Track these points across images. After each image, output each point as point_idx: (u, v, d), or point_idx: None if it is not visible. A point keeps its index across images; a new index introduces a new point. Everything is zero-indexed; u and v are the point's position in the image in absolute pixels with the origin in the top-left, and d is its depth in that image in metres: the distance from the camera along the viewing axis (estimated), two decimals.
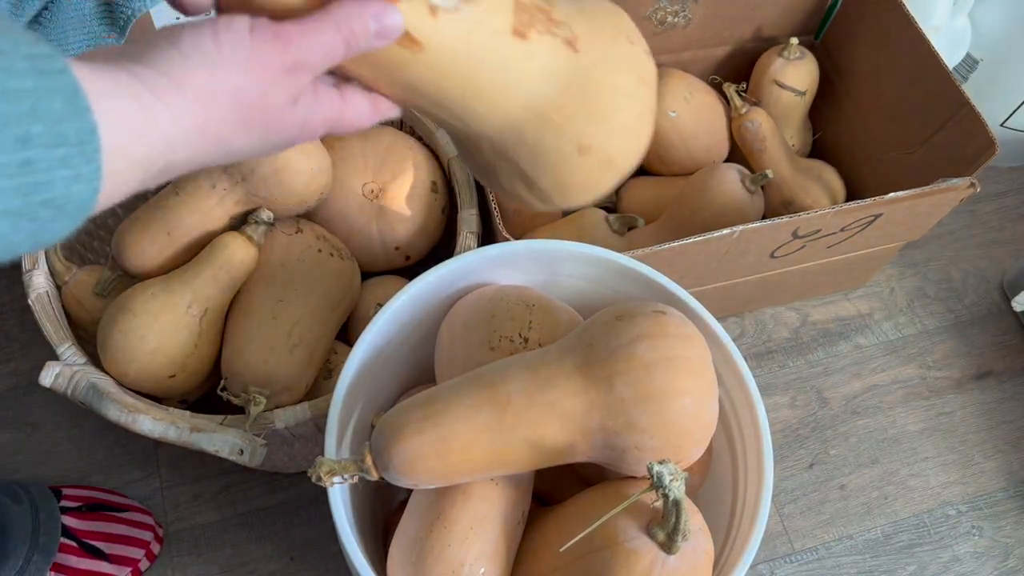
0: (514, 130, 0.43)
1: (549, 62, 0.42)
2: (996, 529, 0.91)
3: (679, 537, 0.50)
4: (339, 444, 0.59)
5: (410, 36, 0.37)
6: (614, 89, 0.44)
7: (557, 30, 0.42)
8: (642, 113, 0.46)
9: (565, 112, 0.43)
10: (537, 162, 0.45)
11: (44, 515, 0.76)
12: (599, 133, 0.44)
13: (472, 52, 0.39)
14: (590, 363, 0.53)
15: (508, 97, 0.42)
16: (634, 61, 0.45)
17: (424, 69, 0.39)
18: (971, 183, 0.79)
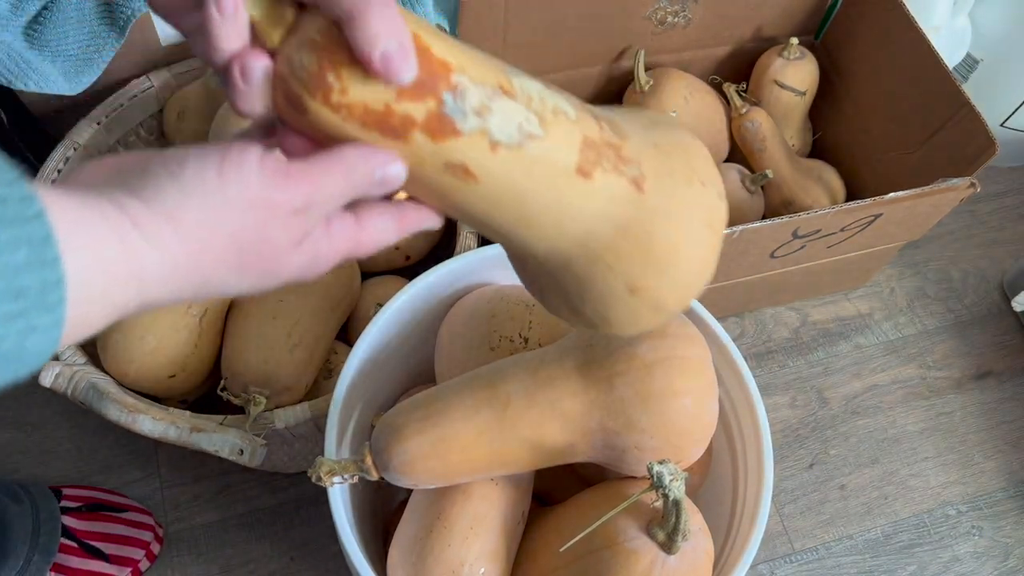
0: (562, 259, 0.41)
1: (610, 202, 0.39)
2: (996, 529, 0.91)
3: (679, 537, 0.50)
4: (339, 444, 0.59)
5: (467, 169, 0.35)
6: (676, 235, 0.41)
7: (625, 168, 0.39)
8: (703, 260, 0.42)
9: (619, 253, 0.40)
10: (583, 292, 0.42)
11: (44, 515, 0.76)
12: (653, 278, 0.41)
13: (528, 188, 0.37)
14: (590, 363, 0.53)
15: (560, 232, 0.39)
16: (703, 205, 0.42)
17: (476, 198, 0.37)
18: (971, 183, 0.79)
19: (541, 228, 0.39)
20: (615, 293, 0.42)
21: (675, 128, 0.43)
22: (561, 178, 0.37)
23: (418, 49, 0.33)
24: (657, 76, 0.95)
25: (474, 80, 0.34)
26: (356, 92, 0.32)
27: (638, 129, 0.41)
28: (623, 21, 0.93)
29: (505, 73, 0.36)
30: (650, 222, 0.40)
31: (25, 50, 0.75)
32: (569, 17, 0.90)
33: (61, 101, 0.81)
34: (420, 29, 0.34)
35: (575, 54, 0.96)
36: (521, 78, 0.37)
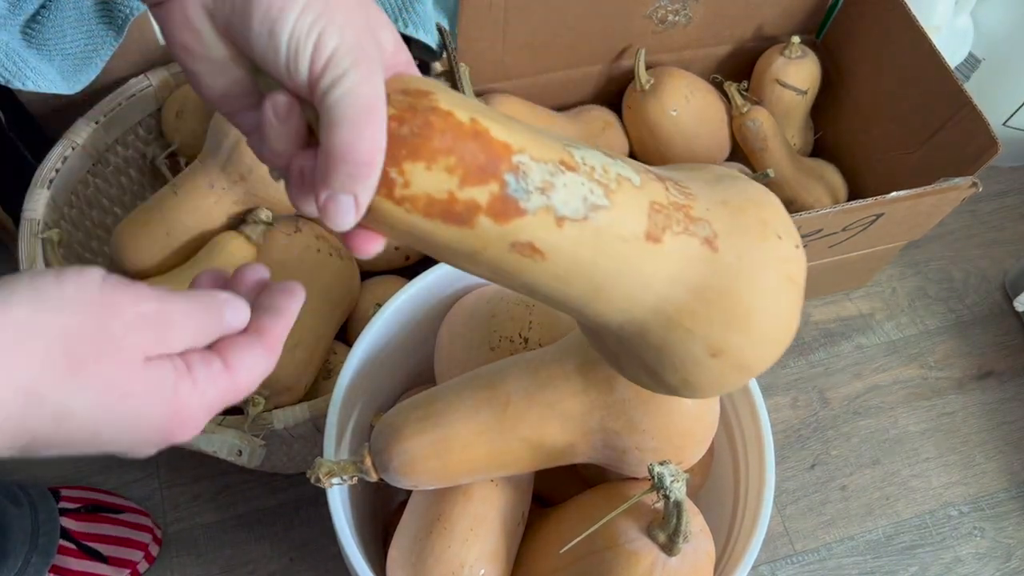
0: (638, 328, 0.40)
1: (683, 265, 0.38)
2: (998, 530, 0.90)
3: (680, 538, 0.50)
4: (338, 445, 0.59)
5: (533, 247, 0.35)
6: (756, 292, 0.39)
7: (695, 228, 0.38)
8: (787, 315, 0.41)
9: (697, 317, 0.39)
10: (662, 360, 0.41)
11: (43, 516, 0.76)
12: (736, 339, 0.40)
13: (598, 259, 0.36)
14: (591, 363, 0.52)
15: (632, 300, 0.38)
16: (781, 258, 0.40)
17: (545, 275, 0.36)
18: (973, 183, 0.79)
19: (613, 299, 0.38)
20: (696, 358, 0.40)
21: (743, 181, 0.42)
22: (631, 246, 0.37)
23: (477, 134, 0.33)
24: (658, 75, 0.95)
25: (535, 158, 0.34)
26: (419, 184, 0.32)
27: (704, 187, 0.40)
28: (623, 20, 0.93)
29: (566, 147, 0.36)
30: (727, 281, 0.39)
31: (23, 49, 0.75)
32: (569, 16, 0.90)
33: (59, 100, 0.81)
34: (478, 113, 0.34)
35: (575, 53, 0.95)
36: (582, 150, 0.36)
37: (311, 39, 0.30)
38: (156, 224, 0.73)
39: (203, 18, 0.32)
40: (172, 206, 0.72)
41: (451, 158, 0.32)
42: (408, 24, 0.84)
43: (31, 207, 0.76)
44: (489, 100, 0.92)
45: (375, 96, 0.31)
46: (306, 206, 0.33)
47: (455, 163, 0.32)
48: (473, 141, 0.33)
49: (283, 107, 0.32)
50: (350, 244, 0.35)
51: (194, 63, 0.33)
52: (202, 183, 0.72)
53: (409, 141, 0.32)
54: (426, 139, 0.32)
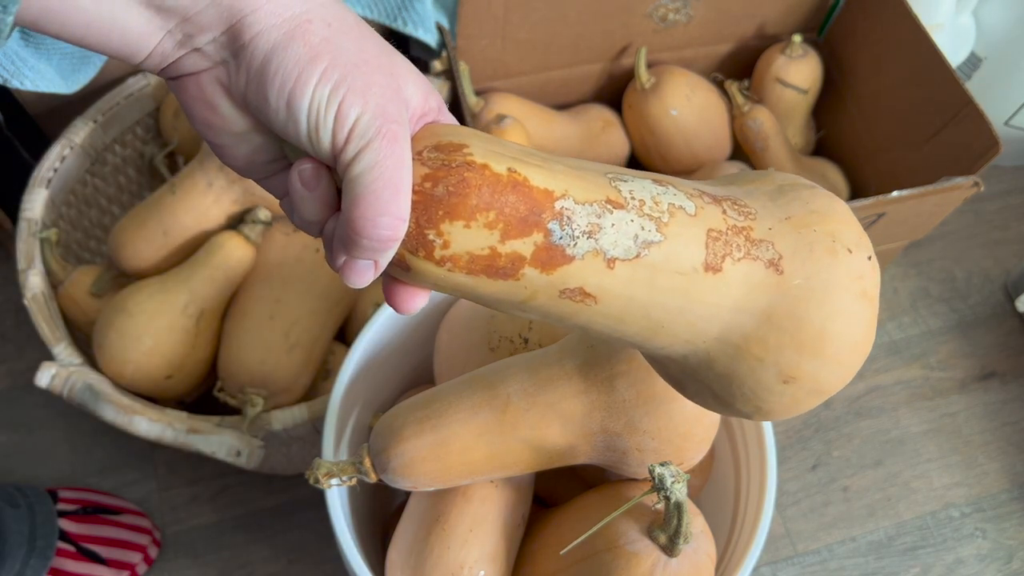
0: (703, 358, 0.38)
1: (747, 291, 0.36)
2: (1000, 531, 0.90)
3: (681, 540, 0.49)
4: (337, 446, 0.59)
5: (584, 292, 0.33)
6: (827, 314, 0.37)
7: (758, 252, 0.36)
8: (861, 335, 0.38)
9: (767, 344, 0.37)
10: (732, 389, 0.39)
11: (41, 518, 0.76)
12: (808, 364, 0.38)
13: (653, 296, 0.35)
14: (591, 364, 0.52)
15: (696, 333, 0.37)
16: (854, 275, 0.38)
17: (599, 317, 0.35)
18: (975, 182, 0.79)
19: (675, 333, 0.36)
20: (768, 386, 0.38)
21: (807, 190, 0.40)
22: (689, 280, 0.35)
23: (516, 184, 0.32)
24: (659, 74, 0.95)
25: (580, 200, 0.33)
26: (459, 244, 0.31)
27: (766, 203, 0.38)
28: (624, 18, 0.93)
29: (612, 182, 0.34)
30: (796, 305, 0.37)
31: (21, 48, 0.75)
32: (569, 14, 0.90)
33: (57, 100, 0.81)
34: (516, 162, 0.33)
35: (576, 52, 0.95)
36: (630, 182, 0.35)
37: (331, 111, 0.29)
38: (154, 223, 0.72)
39: (219, 93, 0.31)
40: (170, 205, 0.72)
41: (491, 213, 0.31)
42: (407, 23, 0.84)
43: (29, 206, 0.76)
44: (489, 99, 0.91)
45: (398, 168, 0.30)
46: (337, 264, 0.33)
47: (495, 218, 0.31)
48: (512, 193, 0.32)
49: (310, 176, 0.31)
50: (393, 302, 0.34)
51: (215, 136, 0.32)
52: (200, 182, 0.72)
53: (445, 201, 0.31)
54: (463, 197, 0.31)
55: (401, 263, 0.32)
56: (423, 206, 0.31)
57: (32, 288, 0.73)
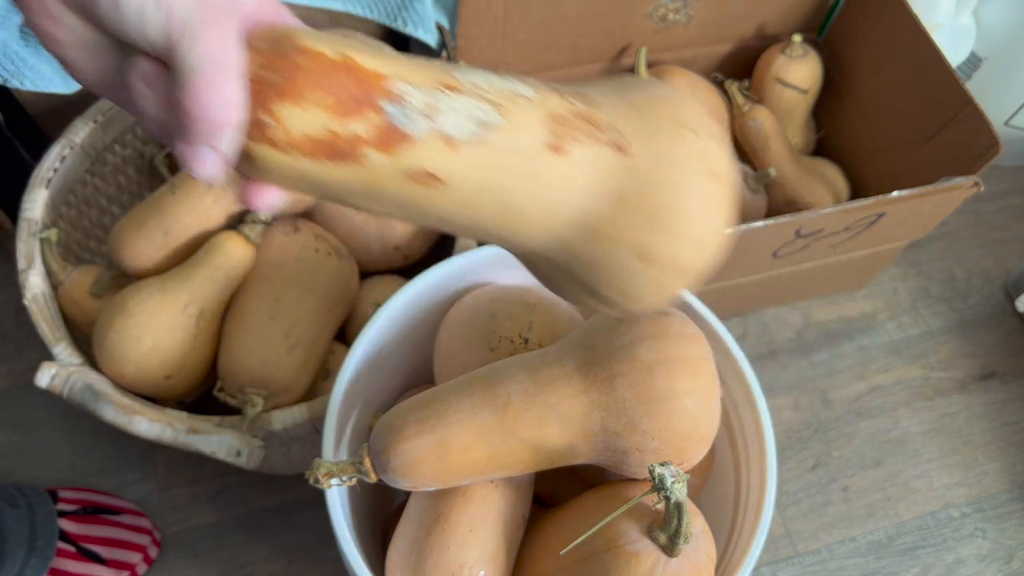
0: (563, 246, 0.39)
1: (595, 174, 0.37)
2: (1000, 531, 0.90)
3: (681, 540, 0.49)
4: (337, 446, 0.59)
5: (430, 174, 0.34)
6: (676, 192, 0.38)
7: (602, 135, 0.37)
8: (713, 211, 0.40)
9: (620, 225, 0.38)
10: (596, 275, 0.40)
11: (41, 518, 0.76)
12: (663, 242, 0.39)
13: (501, 179, 0.35)
14: (591, 364, 0.52)
15: (551, 218, 0.38)
16: (699, 154, 0.39)
17: (452, 203, 0.36)
18: (975, 182, 0.79)
19: (530, 219, 0.37)
20: (627, 267, 0.39)
21: (648, 83, 0.41)
22: (535, 161, 0.36)
23: (347, 67, 0.32)
24: (658, 74, 0.95)
25: (415, 84, 0.34)
26: (294, 126, 0.32)
27: (609, 94, 0.40)
28: (624, 19, 0.93)
29: (450, 72, 0.35)
30: (644, 185, 0.38)
31: (21, 48, 0.75)
32: (570, 14, 0.90)
33: (57, 100, 0.81)
34: (347, 48, 0.33)
35: (576, 52, 0.95)
36: (470, 74, 0.36)
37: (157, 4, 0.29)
38: (154, 223, 0.72)
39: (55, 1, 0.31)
40: (170, 205, 0.72)
41: (321, 93, 0.32)
42: (407, 23, 0.84)
43: (29, 206, 0.76)
44: None
45: (225, 52, 0.30)
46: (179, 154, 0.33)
47: (327, 98, 0.32)
48: (343, 74, 0.32)
49: (149, 72, 0.31)
50: (246, 199, 0.34)
51: (63, 50, 0.32)
52: (200, 183, 0.72)
53: (277, 84, 0.31)
54: (293, 79, 0.32)
55: (246, 155, 0.32)
56: (257, 92, 0.31)
57: (32, 288, 0.73)
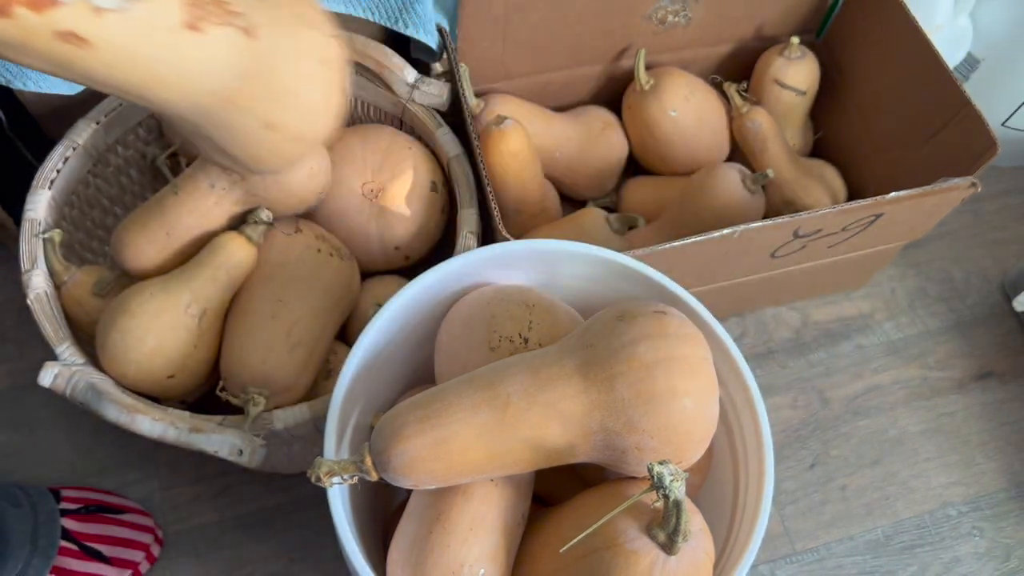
0: (202, 112, 0.47)
1: (229, 52, 0.45)
2: (997, 530, 0.90)
3: (680, 538, 0.50)
4: (338, 445, 0.59)
5: (76, 35, 0.40)
6: (294, 73, 0.48)
7: (234, 20, 0.45)
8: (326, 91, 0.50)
9: (248, 96, 0.47)
10: (228, 137, 0.50)
11: (43, 517, 0.76)
12: (282, 113, 0.49)
13: (143, 48, 0.42)
14: (590, 364, 0.53)
15: (189, 86, 0.45)
16: (315, 44, 0.49)
17: (98, 64, 0.41)
18: (972, 183, 0.79)
19: (171, 86, 0.44)
20: (254, 132, 0.49)
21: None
22: (174, 36, 0.43)
23: None
24: (658, 75, 0.95)
25: None
26: None
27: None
28: (624, 20, 0.93)
29: None
30: (268, 65, 0.47)
31: None
32: (569, 16, 0.90)
33: (60, 101, 0.81)
34: None
35: (575, 53, 0.95)
36: None
37: None
38: (156, 224, 0.73)
39: None
40: (172, 206, 0.72)
41: None
42: (408, 24, 0.84)
43: (32, 207, 0.76)
44: (489, 100, 0.92)
45: None
46: None
47: None
48: None
49: None
50: None
51: None
52: (203, 183, 0.72)
53: None
54: None
55: None
56: None
57: (35, 288, 0.73)
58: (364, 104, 0.90)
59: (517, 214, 0.89)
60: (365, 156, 0.83)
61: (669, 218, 0.89)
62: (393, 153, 0.83)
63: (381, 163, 0.83)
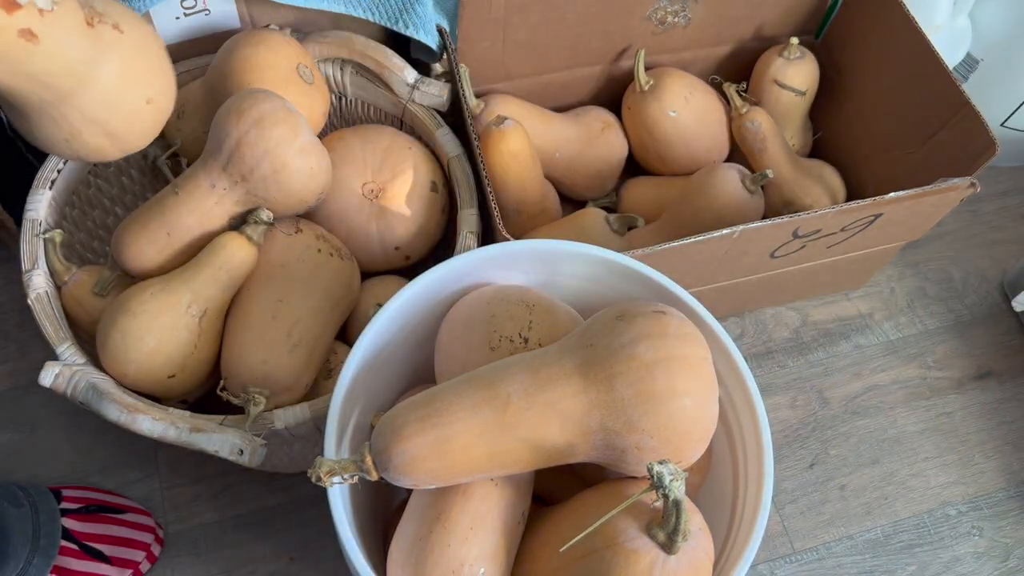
0: (96, 89, 0.61)
1: (109, 41, 0.60)
2: (996, 529, 0.91)
3: (679, 537, 0.50)
4: (339, 444, 0.59)
5: (31, 31, 0.52)
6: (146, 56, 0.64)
7: (105, 20, 0.60)
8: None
9: (128, 73, 0.62)
10: (111, 109, 0.63)
11: (44, 517, 0.76)
12: (149, 93, 0.65)
13: (67, 39, 0.55)
14: (590, 363, 0.53)
15: (90, 68, 0.59)
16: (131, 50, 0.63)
17: (39, 56, 0.54)
18: (971, 183, 0.79)
19: (79, 72, 0.58)
20: (138, 108, 0.65)
21: None
22: (82, 29, 0.57)
23: None
24: (657, 76, 0.95)
25: None
26: None
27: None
28: (623, 21, 0.93)
29: None
30: (135, 48, 0.62)
31: None
32: (569, 17, 0.90)
33: None
34: None
35: (575, 54, 0.96)
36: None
37: None
38: (157, 224, 0.73)
39: None
40: (173, 206, 0.73)
41: None
42: (408, 25, 0.84)
43: (33, 207, 0.76)
44: (489, 101, 0.92)
45: None
46: None
47: None
48: None
49: None
50: None
51: None
52: (203, 183, 0.72)
53: None
54: None
55: None
56: None
57: (36, 288, 0.73)
58: (364, 104, 0.90)
59: (517, 214, 0.89)
60: (365, 156, 0.83)
61: (669, 218, 0.89)
62: (393, 153, 0.83)
63: (381, 163, 0.83)
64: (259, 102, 0.70)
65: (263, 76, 0.76)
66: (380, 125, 0.88)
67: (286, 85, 0.77)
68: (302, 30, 0.86)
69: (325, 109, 0.84)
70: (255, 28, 0.85)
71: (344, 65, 0.87)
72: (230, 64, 0.77)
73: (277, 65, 0.78)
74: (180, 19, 0.83)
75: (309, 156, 0.72)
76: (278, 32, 0.81)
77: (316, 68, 0.83)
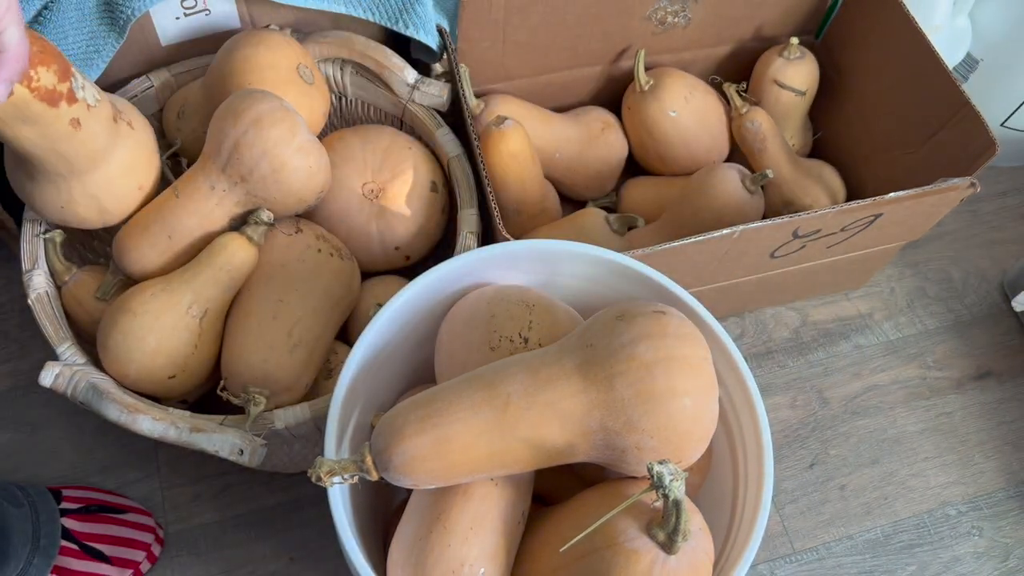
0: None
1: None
2: (996, 529, 0.91)
3: (679, 537, 0.50)
4: (339, 444, 0.59)
5: (78, 121, 0.64)
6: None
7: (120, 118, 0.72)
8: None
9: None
10: (105, 189, 0.72)
11: (44, 517, 0.76)
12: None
13: (95, 127, 0.67)
14: (590, 363, 0.53)
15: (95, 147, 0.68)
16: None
17: (77, 140, 0.65)
18: (971, 183, 0.79)
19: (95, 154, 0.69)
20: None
21: None
22: (108, 120, 0.68)
23: (57, 55, 0.60)
24: (657, 76, 0.95)
25: (81, 72, 0.64)
26: (42, 80, 0.59)
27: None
28: (623, 21, 0.93)
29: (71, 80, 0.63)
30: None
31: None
32: (569, 17, 0.90)
33: None
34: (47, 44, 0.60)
35: (575, 54, 0.96)
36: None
37: None
38: (158, 228, 0.73)
39: None
40: (173, 209, 0.73)
41: (54, 66, 0.59)
42: (408, 25, 0.84)
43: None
44: (489, 101, 0.92)
45: (22, 45, 0.52)
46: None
47: (56, 69, 0.60)
48: (57, 61, 0.60)
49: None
50: None
51: None
52: (203, 185, 0.72)
53: (37, 56, 0.58)
54: (44, 57, 0.59)
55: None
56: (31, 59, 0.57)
57: (36, 288, 0.73)
58: (364, 104, 0.90)
59: (517, 214, 0.89)
60: (365, 156, 0.83)
61: (669, 218, 0.89)
62: (393, 153, 0.83)
63: (381, 163, 0.83)
64: (256, 102, 0.70)
65: (263, 76, 0.76)
66: (380, 125, 0.88)
67: (286, 85, 0.77)
68: (302, 30, 0.86)
69: (325, 109, 0.84)
70: (255, 28, 0.85)
71: (344, 65, 0.87)
72: (230, 64, 0.77)
73: (277, 65, 0.78)
74: (180, 19, 0.83)
75: (308, 155, 0.72)
76: (278, 32, 0.81)
77: (316, 68, 0.83)
